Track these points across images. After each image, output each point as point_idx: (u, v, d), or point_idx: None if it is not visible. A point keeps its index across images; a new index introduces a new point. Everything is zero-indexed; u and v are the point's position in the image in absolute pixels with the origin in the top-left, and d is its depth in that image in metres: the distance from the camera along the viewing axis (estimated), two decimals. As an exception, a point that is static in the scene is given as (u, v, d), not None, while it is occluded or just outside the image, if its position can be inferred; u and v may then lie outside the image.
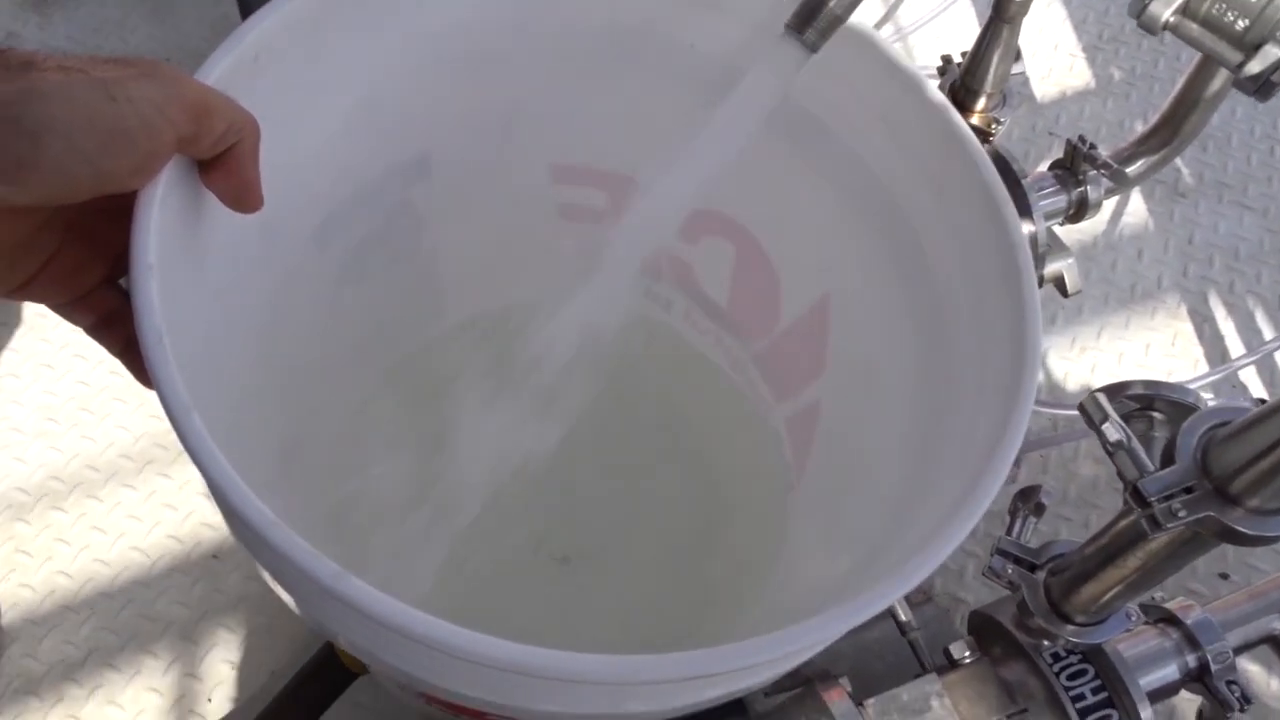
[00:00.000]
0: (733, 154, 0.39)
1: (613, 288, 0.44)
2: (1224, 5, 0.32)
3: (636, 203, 0.43)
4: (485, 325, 0.52)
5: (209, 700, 0.70)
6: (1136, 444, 0.39)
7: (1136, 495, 0.38)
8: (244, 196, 0.35)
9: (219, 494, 0.29)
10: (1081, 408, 0.40)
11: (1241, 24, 0.32)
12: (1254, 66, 0.33)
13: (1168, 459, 0.39)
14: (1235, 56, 0.33)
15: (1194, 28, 0.33)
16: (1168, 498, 0.38)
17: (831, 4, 0.35)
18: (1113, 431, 0.39)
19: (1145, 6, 0.34)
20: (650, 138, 0.44)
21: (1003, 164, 0.74)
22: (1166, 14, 0.33)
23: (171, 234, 0.34)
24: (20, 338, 0.85)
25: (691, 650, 0.27)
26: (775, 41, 0.36)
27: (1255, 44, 0.32)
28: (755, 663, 0.28)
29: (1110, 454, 0.39)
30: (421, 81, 0.48)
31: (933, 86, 0.41)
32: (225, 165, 0.34)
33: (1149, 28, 0.34)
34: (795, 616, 0.43)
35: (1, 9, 1.10)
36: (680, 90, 0.46)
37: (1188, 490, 0.38)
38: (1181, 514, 0.37)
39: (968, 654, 0.57)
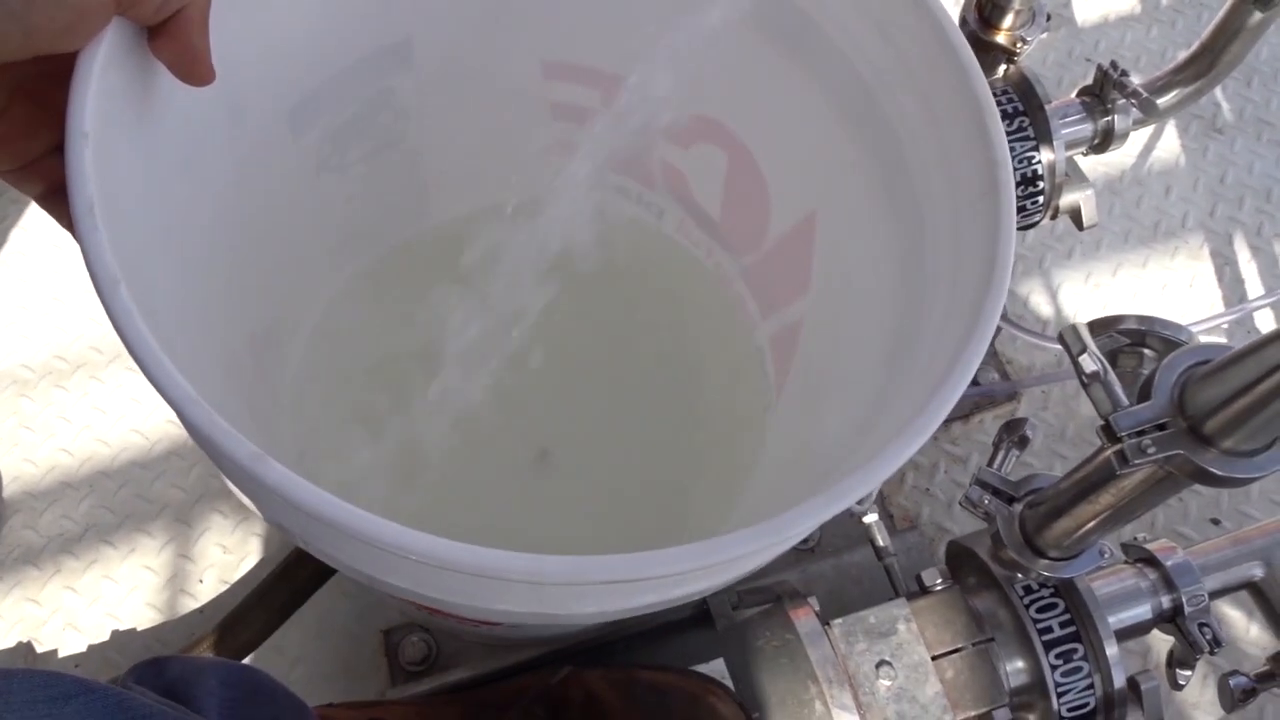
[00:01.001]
0: (699, 45, 0.38)
1: (593, 182, 0.43)
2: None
3: (619, 98, 0.42)
4: (470, 224, 0.52)
5: (200, 581, 0.72)
6: (1112, 377, 0.38)
7: (1107, 430, 0.37)
8: (192, 67, 0.34)
9: (145, 371, 0.29)
10: (1061, 337, 0.39)
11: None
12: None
13: (1145, 395, 0.38)
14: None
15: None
16: (1139, 434, 0.37)
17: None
18: (1089, 363, 0.38)
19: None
20: (643, 34, 0.42)
21: (1026, 87, 0.71)
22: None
23: (119, 102, 0.33)
24: (29, 216, 0.85)
25: (613, 555, 0.27)
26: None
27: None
28: (676, 572, 0.28)
29: (1085, 386, 0.38)
30: None
31: None
32: (171, 32, 0.33)
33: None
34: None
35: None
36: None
37: (1161, 427, 0.37)
38: (1151, 450, 0.36)
39: (940, 581, 0.57)
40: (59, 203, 0.36)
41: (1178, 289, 0.86)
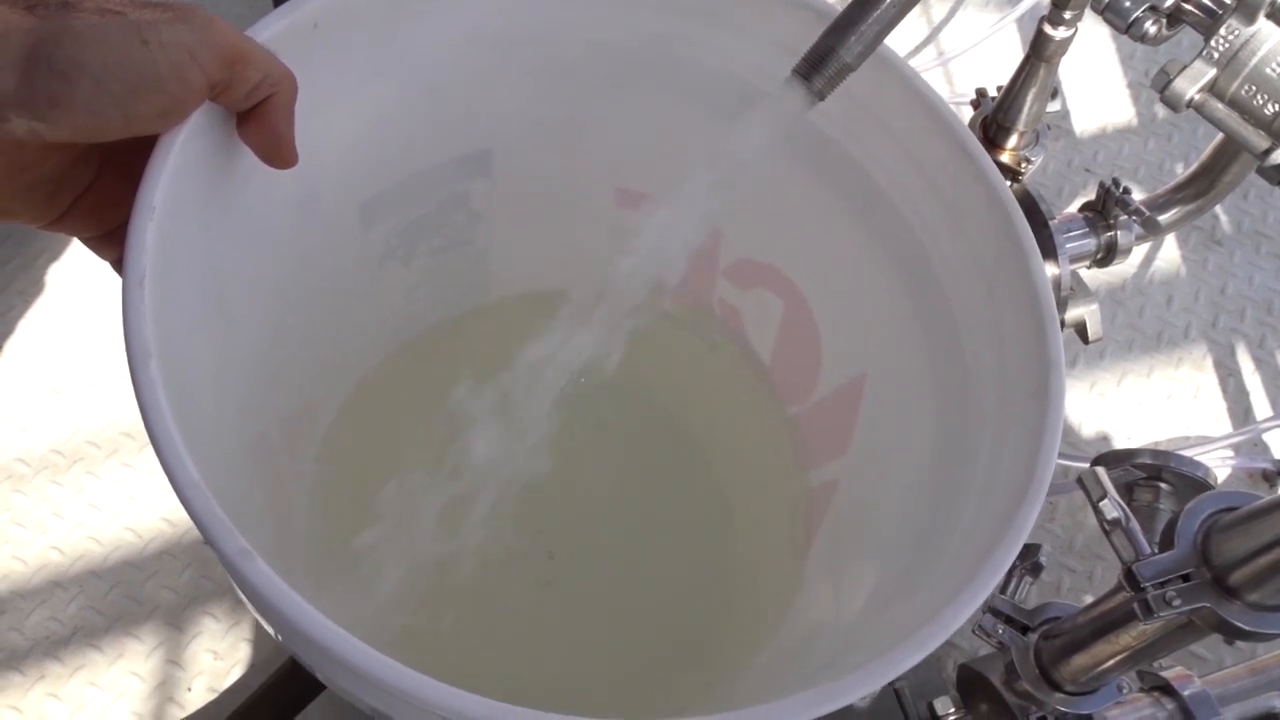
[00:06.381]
0: (732, 191, 0.38)
1: (650, 305, 0.43)
2: (1254, 88, 0.30)
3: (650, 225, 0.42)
4: (521, 315, 0.52)
5: (189, 689, 0.70)
6: (1135, 525, 0.37)
7: (1130, 578, 0.37)
8: (277, 150, 0.35)
9: (155, 446, 0.29)
10: (1080, 481, 0.39)
11: (1272, 109, 0.30)
12: None
13: (1167, 542, 0.38)
14: (1262, 143, 0.31)
15: (1220, 108, 0.31)
16: (1163, 583, 0.36)
17: (841, 51, 0.33)
18: (1110, 509, 0.37)
19: (1170, 81, 0.32)
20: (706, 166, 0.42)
21: (1030, 203, 0.72)
22: (1192, 91, 0.31)
23: (193, 180, 0.34)
24: (34, 308, 0.85)
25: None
26: (782, 85, 0.35)
27: (1285, 132, 0.30)
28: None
29: (1107, 532, 0.38)
30: (487, 80, 0.47)
31: (1003, 184, 0.39)
32: (259, 117, 0.34)
33: (1172, 104, 0.32)
34: (796, 671, 0.42)
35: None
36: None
37: (1185, 578, 0.36)
38: (1176, 603, 0.36)
39: (952, 710, 0.56)
40: None
41: (1183, 399, 0.86)
